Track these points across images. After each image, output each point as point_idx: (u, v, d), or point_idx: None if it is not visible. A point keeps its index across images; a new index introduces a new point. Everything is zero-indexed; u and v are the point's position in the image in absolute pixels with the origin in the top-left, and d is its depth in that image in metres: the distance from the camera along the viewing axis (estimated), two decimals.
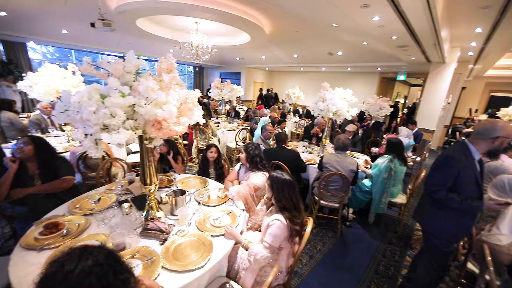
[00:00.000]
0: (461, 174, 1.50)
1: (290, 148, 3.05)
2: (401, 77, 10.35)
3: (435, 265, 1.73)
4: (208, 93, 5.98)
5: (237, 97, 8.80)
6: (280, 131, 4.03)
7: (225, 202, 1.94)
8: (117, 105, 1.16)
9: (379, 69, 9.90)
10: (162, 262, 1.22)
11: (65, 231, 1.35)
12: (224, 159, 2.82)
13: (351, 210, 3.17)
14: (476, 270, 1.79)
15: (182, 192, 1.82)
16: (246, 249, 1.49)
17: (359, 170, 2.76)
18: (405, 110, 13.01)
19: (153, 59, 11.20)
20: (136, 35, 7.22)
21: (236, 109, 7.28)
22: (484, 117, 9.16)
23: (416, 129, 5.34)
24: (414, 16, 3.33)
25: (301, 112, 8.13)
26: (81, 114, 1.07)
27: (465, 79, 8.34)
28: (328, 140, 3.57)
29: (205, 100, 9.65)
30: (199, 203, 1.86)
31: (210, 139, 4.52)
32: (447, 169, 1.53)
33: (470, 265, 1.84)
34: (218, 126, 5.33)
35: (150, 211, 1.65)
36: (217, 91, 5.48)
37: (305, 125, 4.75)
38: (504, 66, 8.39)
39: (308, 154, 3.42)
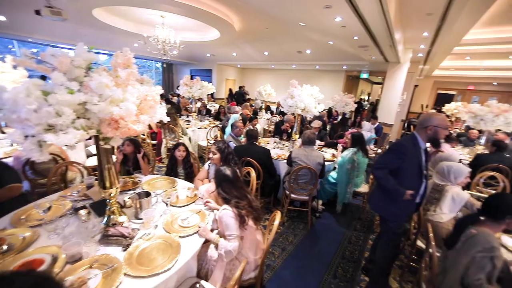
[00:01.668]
0: (408, 161, 1.69)
1: (261, 145, 3.10)
2: (364, 75, 11.14)
3: (390, 246, 1.92)
4: (177, 90, 5.74)
5: (209, 94, 8.64)
6: (252, 128, 4.06)
7: (194, 202, 1.90)
8: (64, 102, 1.05)
9: (344, 67, 10.49)
10: (124, 269, 1.16)
11: (5, 247, 1.19)
12: (193, 157, 2.75)
13: (320, 202, 3.34)
14: (424, 246, 2.02)
15: (148, 194, 1.74)
16: (217, 246, 1.48)
17: (328, 163, 2.92)
18: (368, 106, 14.03)
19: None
20: (94, 27, 6.58)
21: (208, 107, 7.12)
22: (433, 111, 10.32)
23: (377, 123, 5.81)
24: (371, 18, 3.59)
25: (273, 109, 8.29)
26: (18, 113, 0.95)
27: (417, 78, 9.29)
28: (298, 136, 3.70)
29: (175, 98, 9.28)
30: (167, 204, 1.79)
31: (180, 138, 4.36)
32: (397, 153, 1.72)
33: (419, 243, 2.08)
34: (188, 124, 5.16)
35: (111, 217, 1.54)
36: (187, 88, 5.30)
37: (276, 122, 4.85)
38: (447, 67, 9.54)
39: (279, 150, 3.50)
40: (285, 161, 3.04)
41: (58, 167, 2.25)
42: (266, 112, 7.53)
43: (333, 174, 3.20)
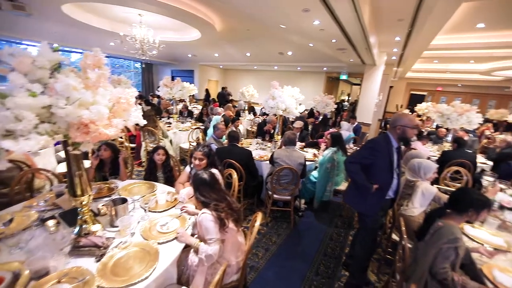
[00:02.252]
0: (381, 158, 1.78)
1: (243, 146, 3.10)
2: (343, 77, 11.55)
3: (368, 240, 2.01)
4: (157, 91, 5.57)
5: (191, 95, 8.47)
6: (234, 129, 4.04)
7: (174, 206, 1.85)
8: (25, 106, 0.98)
9: (324, 69, 10.82)
10: (97, 281, 1.10)
11: None
12: (174, 161, 2.68)
13: (303, 201, 3.41)
14: (398, 239, 2.14)
15: (124, 200, 1.67)
16: (197, 250, 1.46)
17: (309, 163, 2.98)
18: (348, 106, 14.55)
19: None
20: (64, 23, 6.18)
21: (189, 108, 6.98)
22: (406, 111, 10.99)
23: (356, 123, 6.04)
24: (347, 23, 3.75)
25: (258, 110, 8.31)
26: None
27: (392, 79, 9.82)
28: (280, 137, 3.75)
29: (156, 99, 8.99)
30: (145, 210, 1.73)
31: (161, 140, 4.23)
32: (370, 150, 1.82)
33: (394, 236, 2.19)
34: (169, 126, 5.03)
35: (83, 226, 1.46)
36: (167, 89, 5.16)
37: (258, 123, 4.88)
38: (419, 70, 10.19)
39: (262, 151, 3.53)
40: (268, 162, 3.07)
41: (22, 175, 2.08)
42: (249, 113, 7.53)
43: (315, 173, 3.27)
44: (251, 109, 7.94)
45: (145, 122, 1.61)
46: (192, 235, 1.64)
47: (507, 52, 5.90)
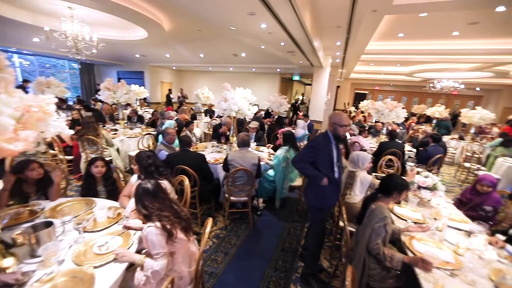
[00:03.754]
0: (321, 153, 1.95)
1: (199, 150, 2.99)
2: (296, 78, 12.24)
3: (318, 232, 2.16)
4: (97, 95, 4.96)
5: (141, 99, 7.83)
6: (189, 133, 3.89)
7: (117, 222, 1.68)
8: None
9: (278, 70, 11.28)
10: None
11: None
12: (118, 171, 2.44)
13: (261, 200, 3.48)
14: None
15: (49, 224, 1.43)
16: (143, 268, 1.35)
17: (262, 163, 3.05)
18: (301, 105, 15.44)
19: (9, 49, 8.30)
20: None
21: (139, 113, 6.44)
22: (352, 108, 12.26)
23: (309, 121, 6.47)
24: (291, 27, 3.98)
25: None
26: None
27: (338, 80, 10.83)
28: (235, 138, 3.75)
29: (99, 104, 8.04)
30: (79, 232, 1.52)
31: (104, 150, 3.80)
32: (311, 149, 1.99)
33: (341, 223, 2.41)
34: (115, 133, 4.55)
35: None
36: (109, 93, 4.65)
37: (214, 125, 4.80)
38: (360, 71, 11.49)
39: (217, 154, 3.47)
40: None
41: None
42: (206, 115, 7.35)
43: (271, 172, 3.38)
44: (210, 111, 7.74)
45: (71, 132, 1.42)
46: (140, 251, 1.51)
47: (421, 58, 7.13)
